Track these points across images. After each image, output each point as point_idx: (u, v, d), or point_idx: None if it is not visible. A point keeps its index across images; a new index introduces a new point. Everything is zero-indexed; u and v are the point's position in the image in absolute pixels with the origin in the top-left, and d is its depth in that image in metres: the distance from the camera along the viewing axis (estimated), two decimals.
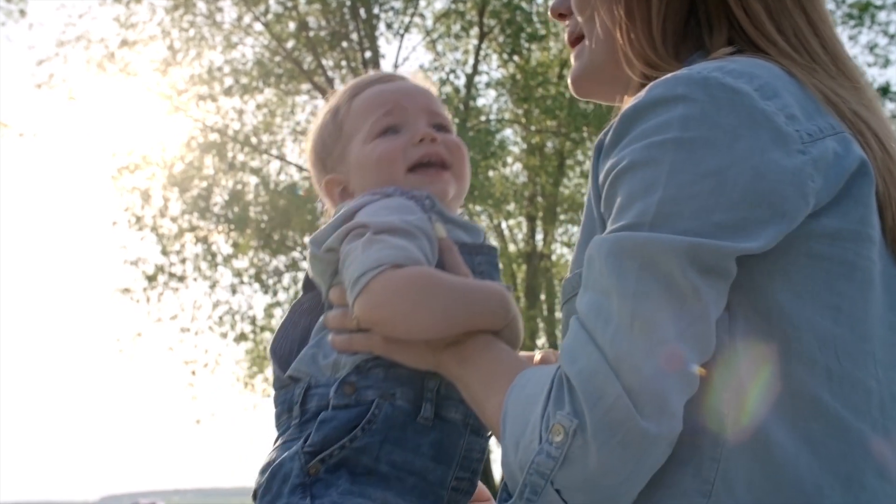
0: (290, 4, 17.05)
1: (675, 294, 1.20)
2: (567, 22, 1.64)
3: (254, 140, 17.80)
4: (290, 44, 17.41)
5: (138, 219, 17.30)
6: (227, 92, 17.47)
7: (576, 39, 1.62)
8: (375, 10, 17.11)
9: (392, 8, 17.12)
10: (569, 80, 1.63)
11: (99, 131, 23.30)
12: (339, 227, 1.53)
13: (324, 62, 17.28)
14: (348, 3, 16.90)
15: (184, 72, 17.49)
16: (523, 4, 16.84)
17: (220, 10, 17.53)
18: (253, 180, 17.57)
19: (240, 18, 17.49)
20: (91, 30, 17.56)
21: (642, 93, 1.32)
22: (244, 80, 17.44)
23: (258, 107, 17.84)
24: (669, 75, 1.32)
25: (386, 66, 17.39)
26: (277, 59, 17.45)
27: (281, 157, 17.88)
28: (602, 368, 1.19)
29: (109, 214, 21.62)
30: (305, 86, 17.60)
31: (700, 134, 1.24)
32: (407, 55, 17.67)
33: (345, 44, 17.16)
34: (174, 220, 17.35)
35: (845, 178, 1.30)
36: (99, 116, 22.10)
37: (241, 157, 17.66)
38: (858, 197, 1.31)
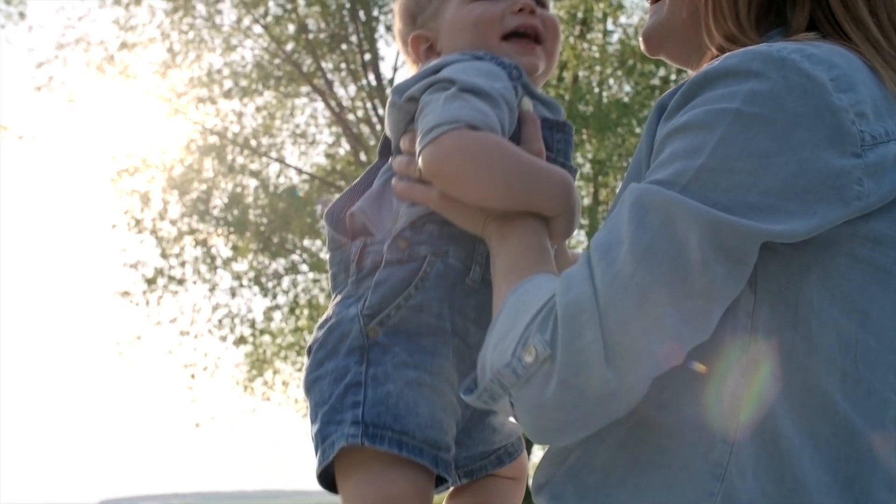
0: (289, 7, 17.02)
1: (684, 262, 1.19)
2: None
3: (253, 143, 17.77)
4: (289, 46, 17.38)
5: (137, 222, 17.27)
6: (227, 94, 17.44)
7: None
8: (375, 13, 17.08)
9: (392, 10, 17.08)
10: (640, 36, 1.62)
11: (98, 134, 23.30)
12: (424, 79, 1.54)
13: (323, 65, 17.25)
14: (348, 6, 16.86)
15: (183, 74, 17.49)
16: None
17: (219, 12, 17.52)
18: (252, 183, 17.53)
19: (239, 21, 17.47)
20: (90, 32, 17.67)
21: (716, 61, 1.30)
22: (243, 82, 17.41)
23: (257, 109, 17.81)
24: (748, 48, 1.30)
25: (385, 68, 17.37)
26: (277, 61, 17.42)
27: (280, 160, 17.86)
28: (589, 308, 1.20)
29: (109, 217, 21.55)
30: (305, 88, 17.57)
31: (762, 112, 1.22)
32: None
33: (344, 46, 17.12)
34: (173, 222, 17.32)
35: None
36: (98, 119, 22.08)
37: (240, 160, 17.63)
38: None
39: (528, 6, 1.67)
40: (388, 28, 17.21)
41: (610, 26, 16.79)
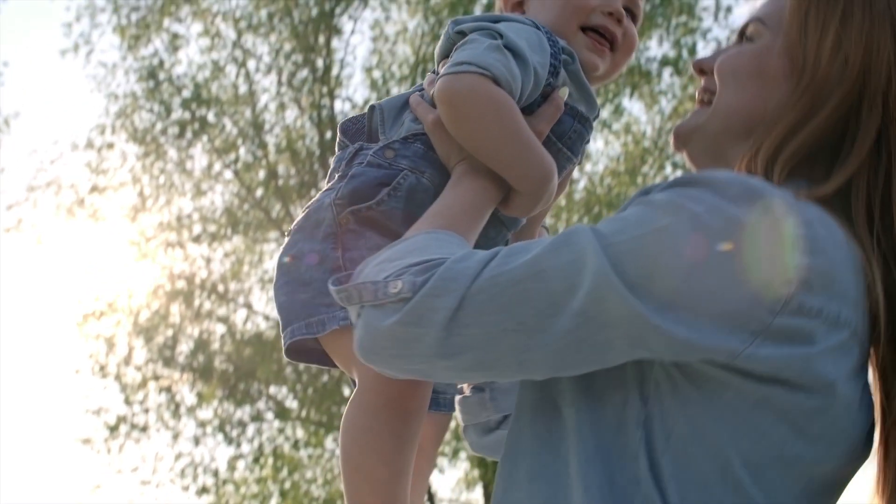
0: (259, 154, 17.21)
1: (563, 302, 1.24)
2: (704, 79, 1.65)
3: (221, 288, 17.70)
4: (259, 192, 17.50)
5: (102, 367, 17.03)
6: (196, 239, 17.48)
7: (706, 101, 1.63)
8: None
9: None
10: (673, 129, 1.66)
11: (66, 277, 23.19)
12: (481, 21, 1.64)
13: (293, 210, 17.33)
14: (317, 153, 17.06)
15: (153, 218, 17.53)
16: None
17: (190, 157, 17.67)
18: (219, 329, 17.40)
19: (210, 166, 17.62)
20: (62, 175, 17.55)
21: (712, 169, 1.37)
22: (213, 227, 17.46)
23: (226, 255, 17.82)
24: (743, 175, 1.34)
25: None
26: (246, 207, 17.51)
27: (248, 306, 17.77)
28: (463, 282, 1.28)
29: (73, 362, 21.26)
30: (274, 234, 17.61)
31: (715, 226, 1.25)
32: None
33: (313, 192, 17.24)
34: (138, 368, 17.09)
35: (802, 370, 1.28)
36: (66, 262, 21.96)
37: (207, 306, 17.53)
38: (807, 409, 1.30)
39: (619, 14, 1.74)
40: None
41: (575, 174, 17.04)
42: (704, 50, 17.71)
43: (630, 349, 1.27)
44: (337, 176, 1.70)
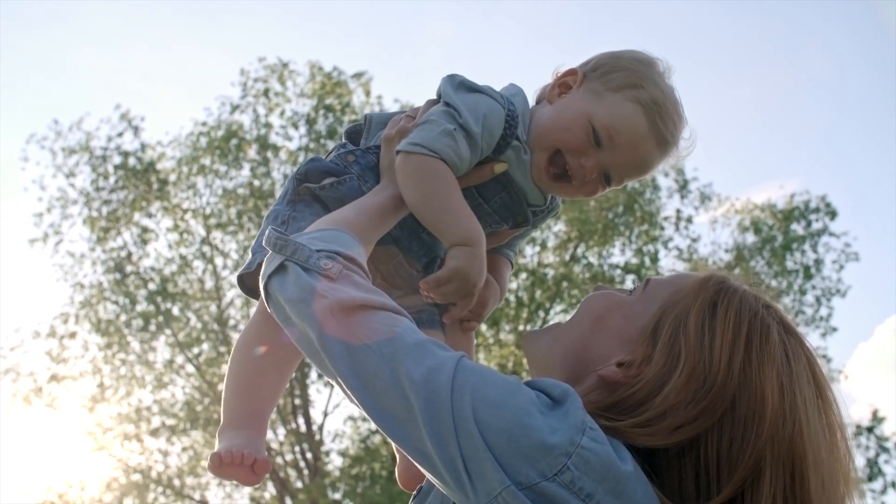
0: (223, 349, 17.19)
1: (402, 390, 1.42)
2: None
3: (177, 483, 17.40)
4: (220, 387, 17.38)
5: None
6: (154, 433, 17.27)
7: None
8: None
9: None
10: (527, 335, 1.76)
11: (17, 465, 22.78)
12: (459, 92, 1.93)
13: None
14: None
15: (111, 409, 17.34)
16: None
17: (153, 349, 17.63)
18: None
19: (172, 360, 17.56)
20: (21, 363, 17.42)
21: (552, 378, 1.47)
22: (172, 421, 17.28)
23: (184, 449, 17.59)
24: (573, 390, 1.42)
25: (316, 413, 17.39)
26: (207, 401, 17.38)
27: (203, 502, 17.44)
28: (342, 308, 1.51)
29: None
30: None
31: (529, 396, 1.39)
32: (338, 402, 17.70)
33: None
34: None
35: None
36: (18, 450, 21.54)
37: (162, 500, 17.21)
38: None
39: (585, 170, 1.90)
40: (320, 375, 17.31)
41: None
42: (666, 259, 18.08)
43: None
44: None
